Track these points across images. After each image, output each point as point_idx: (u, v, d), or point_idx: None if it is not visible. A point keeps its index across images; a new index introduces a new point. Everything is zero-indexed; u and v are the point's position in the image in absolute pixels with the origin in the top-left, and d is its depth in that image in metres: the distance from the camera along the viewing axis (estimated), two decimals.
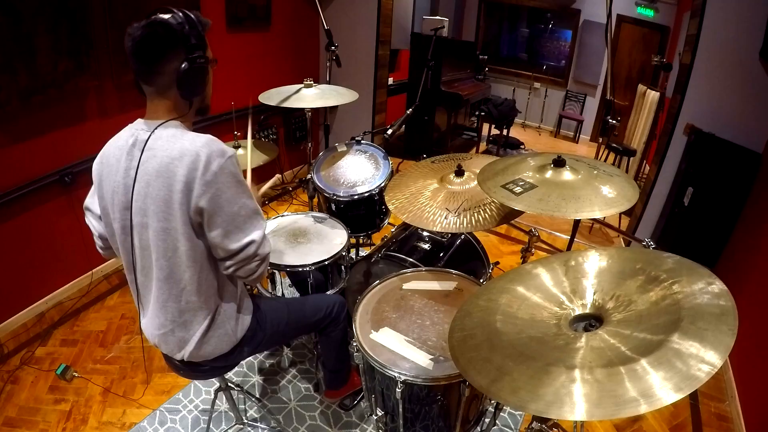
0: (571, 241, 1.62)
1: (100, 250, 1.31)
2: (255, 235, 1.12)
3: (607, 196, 1.23)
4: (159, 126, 1.08)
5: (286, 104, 2.10)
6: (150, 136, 1.07)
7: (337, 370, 1.75)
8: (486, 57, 6.00)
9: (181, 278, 1.12)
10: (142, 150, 1.06)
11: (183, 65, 1.04)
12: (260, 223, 1.14)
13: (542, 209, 1.19)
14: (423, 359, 1.28)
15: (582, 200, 1.20)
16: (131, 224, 1.10)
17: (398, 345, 1.33)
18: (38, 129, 2.24)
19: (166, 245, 1.09)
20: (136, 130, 1.10)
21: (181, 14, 1.04)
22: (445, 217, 1.51)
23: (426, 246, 1.96)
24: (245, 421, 1.85)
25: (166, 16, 1.03)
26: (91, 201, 1.24)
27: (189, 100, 1.11)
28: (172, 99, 1.10)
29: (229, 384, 1.65)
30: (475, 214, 1.50)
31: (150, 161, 1.05)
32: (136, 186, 1.07)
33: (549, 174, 1.33)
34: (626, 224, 3.52)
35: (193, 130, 1.15)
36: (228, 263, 1.12)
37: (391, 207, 1.61)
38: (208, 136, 1.07)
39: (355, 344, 1.35)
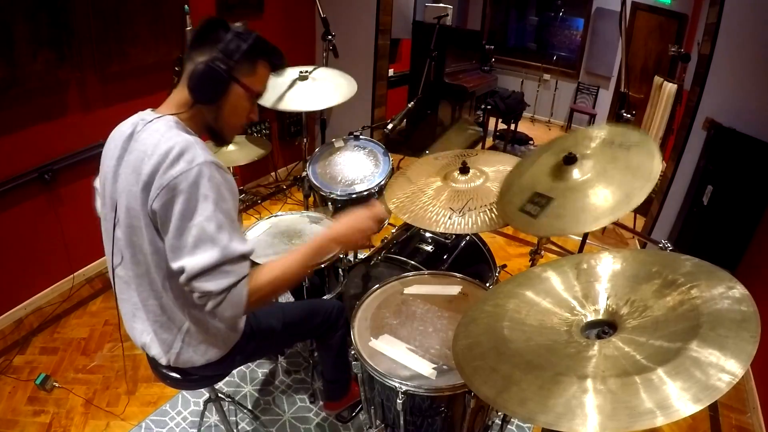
0: (583, 242, 1.62)
1: None
2: (192, 263, 1.00)
3: (620, 194, 1.21)
4: (155, 119, 1.08)
5: (281, 106, 2.09)
6: (144, 127, 1.08)
7: (336, 380, 1.75)
8: (492, 47, 6.00)
9: (156, 277, 1.13)
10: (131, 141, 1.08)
11: (202, 61, 1.05)
12: (209, 253, 1.01)
13: (561, 229, 1.17)
14: (425, 368, 1.28)
15: (599, 203, 1.18)
16: (115, 214, 1.11)
17: (399, 353, 1.33)
18: (16, 124, 2.24)
19: (136, 243, 1.10)
20: (139, 119, 1.11)
21: (244, 30, 1.08)
22: (449, 218, 1.51)
23: (429, 248, 1.96)
24: None
25: (236, 23, 1.09)
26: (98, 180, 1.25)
27: (192, 99, 1.09)
28: (185, 94, 1.10)
29: (220, 395, 1.65)
30: (481, 214, 1.50)
31: (131, 154, 1.07)
32: (120, 177, 1.09)
33: (562, 176, 1.30)
34: (641, 225, 3.52)
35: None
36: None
37: (391, 207, 1.61)
38: (190, 138, 1.06)
39: (353, 352, 1.35)
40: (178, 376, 1.30)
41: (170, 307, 1.16)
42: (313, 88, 2.18)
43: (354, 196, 2.04)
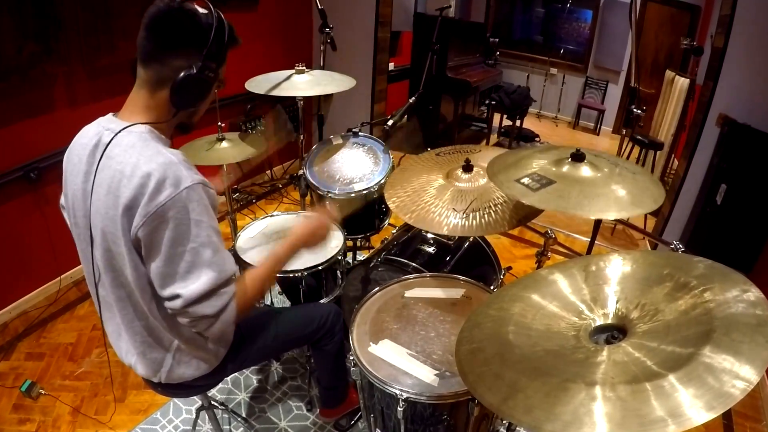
0: (592, 243, 1.62)
1: None
2: (189, 289, 1.01)
3: (630, 196, 1.23)
4: (124, 129, 1.03)
5: (276, 92, 2.10)
6: (112, 139, 1.02)
7: (333, 387, 1.75)
8: (497, 40, 6.01)
9: (140, 300, 1.11)
10: (101, 156, 1.03)
11: (189, 69, 1.00)
12: (206, 278, 1.03)
13: (563, 207, 1.19)
14: (427, 375, 1.28)
15: (605, 198, 1.20)
16: (91, 234, 1.08)
17: (400, 359, 1.33)
18: (0, 120, 2.24)
19: (116, 267, 1.08)
20: (102, 128, 1.06)
21: (217, 16, 1.02)
22: (452, 218, 1.51)
23: (430, 249, 1.96)
24: None
25: (201, 10, 1.02)
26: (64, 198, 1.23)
27: (176, 109, 1.07)
28: (157, 98, 1.05)
29: (213, 402, 1.65)
30: (486, 216, 1.50)
31: (104, 172, 1.02)
32: (93, 196, 1.05)
33: (566, 169, 1.33)
34: (652, 225, 3.52)
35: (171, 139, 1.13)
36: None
37: (392, 206, 1.61)
38: (172, 156, 1.02)
39: (351, 358, 1.35)
40: (169, 387, 1.30)
41: (157, 327, 1.15)
42: (310, 79, 2.19)
43: (353, 195, 2.04)
